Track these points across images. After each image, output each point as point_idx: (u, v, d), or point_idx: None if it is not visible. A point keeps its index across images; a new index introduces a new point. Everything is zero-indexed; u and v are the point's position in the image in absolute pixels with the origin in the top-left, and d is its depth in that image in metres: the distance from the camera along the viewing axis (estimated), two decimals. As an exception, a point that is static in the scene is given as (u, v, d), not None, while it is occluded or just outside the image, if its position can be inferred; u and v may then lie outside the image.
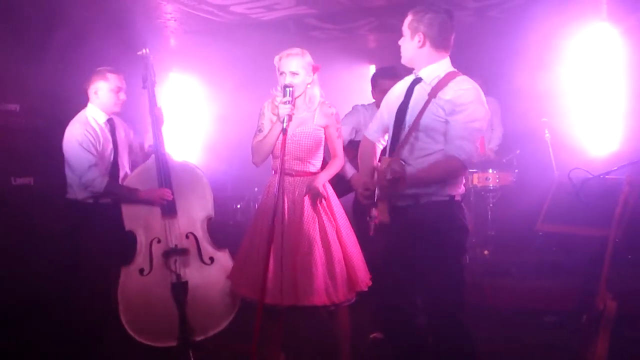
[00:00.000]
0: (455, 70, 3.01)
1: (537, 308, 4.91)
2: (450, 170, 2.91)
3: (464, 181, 3.06)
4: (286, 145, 3.49)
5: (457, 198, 3.01)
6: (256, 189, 6.99)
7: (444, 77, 2.93)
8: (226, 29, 6.19)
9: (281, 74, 3.58)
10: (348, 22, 6.25)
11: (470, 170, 6.01)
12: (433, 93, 2.91)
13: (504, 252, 6.08)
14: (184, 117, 7.37)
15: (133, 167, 4.32)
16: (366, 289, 3.64)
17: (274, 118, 3.57)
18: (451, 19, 2.96)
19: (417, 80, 3.02)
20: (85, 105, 4.23)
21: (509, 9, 6.03)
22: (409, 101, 3.01)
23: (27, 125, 5.00)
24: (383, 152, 3.25)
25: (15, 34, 5.03)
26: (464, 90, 2.88)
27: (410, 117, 2.96)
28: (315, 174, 3.67)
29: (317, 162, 3.70)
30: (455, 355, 2.98)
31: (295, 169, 3.63)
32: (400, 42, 3.04)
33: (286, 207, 3.57)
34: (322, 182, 3.64)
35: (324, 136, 3.68)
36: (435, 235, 2.92)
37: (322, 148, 3.70)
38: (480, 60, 6.52)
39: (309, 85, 3.62)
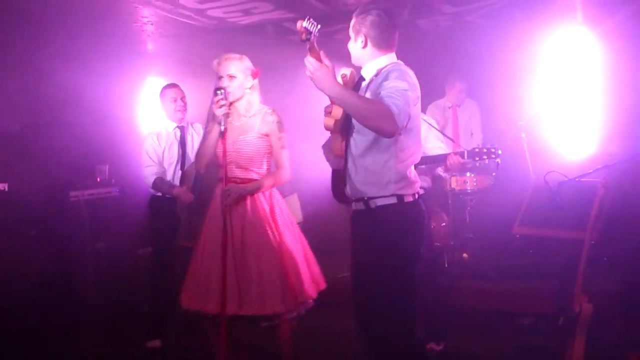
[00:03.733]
0: (399, 62, 3.02)
1: (514, 310, 4.95)
2: (380, 110, 2.70)
3: (416, 180, 2.99)
4: (228, 153, 3.49)
5: (409, 199, 2.95)
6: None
7: (381, 69, 2.97)
8: (203, 33, 6.15)
9: (220, 78, 3.58)
10: (327, 26, 6.23)
11: (449, 174, 6.04)
12: (370, 85, 2.97)
13: (482, 254, 6.11)
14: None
15: None
16: (311, 301, 3.64)
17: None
18: (392, 18, 3.01)
19: (361, 79, 3.09)
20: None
21: (486, 14, 6.06)
22: None
23: (2, 130, 4.93)
24: None
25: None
26: (387, 71, 2.91)
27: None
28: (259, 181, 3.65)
29: (262, 171, 3.67)
30: None
31: (239, 176, 3.61)
32: (348, 45, 3.11)
33: (233, 215, 3.54)
34: (251, 190, 3.59)
35: (267, 144, 3.65)
36: (379, 243, 2.91)
37: (264, 156, 3.67)
38: (458, 65, 6.58)
39: (248, 90, 3.62)
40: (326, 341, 4.75)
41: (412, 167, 3.00)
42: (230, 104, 3.55)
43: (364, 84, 3.05)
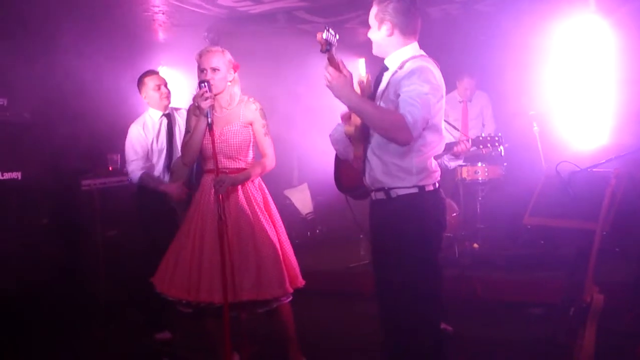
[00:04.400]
0: (423, 53, 3.00)
1: (524, 301, 4.95)
2: (395, 122, 2.75)
3: (436, 169, 2.98)
4: (215, 144, 3.51)
5: (429, 188, 2.95)
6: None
7: (405, 61, 2.93)
8: (214, 22, 6.16)
9: (202, 70, 3.60)
10: (337, 15, 6.23)
11: (460, 164, 6.03)
12: (392, 78, 2.93)
13: (492, 245, 6.11)
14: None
15: None
16: (301, 286, 3.71)
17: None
18: (414, 4, 2.98)
19: (384, 69, 3.04)
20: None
21: (496, 2, 6.03)
22: (376, 91, 3.04)
23: (15, 120, 4.97)
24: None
25: (2, 28, 4.99)
26: (410, 68, 2.87)
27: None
28: (247, 170, 3.68)
29: (248, 159, 3.73)
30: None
31: (227, 166, 3.65)
32: (369, 34, 3.05)
33: (225, 205, 3.55)
34: (243, 179, 3.63)
35: (251, 133, 3.70)
36: (400, 233, 2.91)
37: (250, 145, 3.72)
38: (468, 54, 6.54)
39: (229, 83, 3.66)
40: (340, 331, 4.77)
41: (433, 158, 2.99)
42: (214, 96, 3.58)
43: (387, 74, 3.01)
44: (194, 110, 3.59)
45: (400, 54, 2.98)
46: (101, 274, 5.37)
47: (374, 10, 3.00)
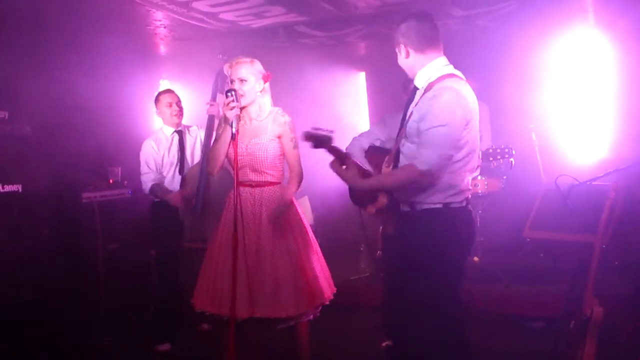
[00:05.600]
0: (451, 71, 2.99)
1: (524, 314, 4.94)
2: (405, 178, 2.86)
3: (466, 186, 2.99)
4: (241, 157, 3.49)
5: (455, 205, 2.95)
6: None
7: (435, 80, 2.93)
8: (216, 36, 6.19)
9: (231, 81, 3.59)
10: (337, 29, 6.26)
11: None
12: (421, 98, 2.93)
13: (492, 258, 6.10)
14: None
15: None
16: (327, 302, 3.66)
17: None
18: (424, 19, 2.99)
19: (415, 89, 3.06)
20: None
21: (496, 17, 6.06)
22: (407, 111, 3.05)
23: (16, 133, 4.99)
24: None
25: (3, 42, 5.03)
26: (432, 95, 2.86)
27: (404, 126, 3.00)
28: (274, 184, 3.65)
29: (276, 173, 3.68)
30: None
31: (253, 180, 3.61)
32: (398, 61, 3.09)
33: (247, 219, 3.53)
34: (288, 204, 3.62)
35: (279, 146, 3.66)
36: (418, 247, 2.92)
37: (278, 158, 3.68)
38: (468, 69, 6.56)
39: (259, 94, 3.62)
40: (339, 344, 4.76)
41: (467, 175, 3.00)
42: (242, 108, 3.55)
43: (418, 93, 3.02)
44: (223, 119, 3.55)
45: (425, 72, 2.99)
46: (101, 286, 5.38)
47: (395, 37, 3.04)
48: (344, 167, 2.93)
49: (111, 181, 5.83)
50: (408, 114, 3.01)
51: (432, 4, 5.44)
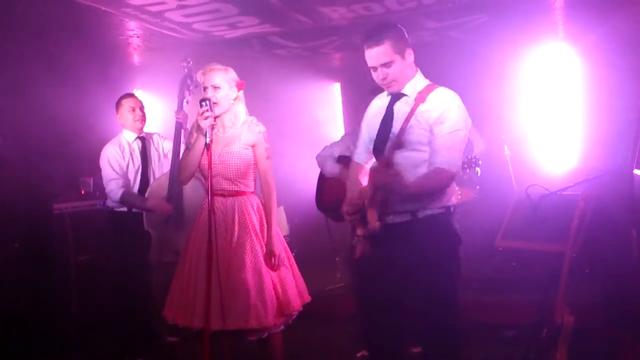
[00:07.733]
0: (430, 82, 3.10)
1: (497, 323, 4.97)
2: (441, 183, 2.95)
3: (457, 191, 3.12)
4: (214, 165, 3.44)
5: (452, 209, 3.07)
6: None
7: (423, 90, 3.01)
8: (189, 46, 6.17)
9: (204, 88, 3.55)
10: (311, 40, 6.30)
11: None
12: (415, 106, 2.97)
13: (465, 267, 6.11)
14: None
15: None
16: (300, 310, 3.64)
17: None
18: None
19: (399, 96, 3.07)
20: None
21: (468, 29, 6.14)
22: (392, 118, 3.05)
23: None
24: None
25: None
26: (446, 100, 2.97)
27: (394, 134, 2.98)
28: (247, 193, 3.63)
29: (249, 182, 3.65)
30: None
31: (226, 189, 3.58)
32: (386, 70, 3.01)
33: (219, 228, 3.48)
34: (275, 226, 3.61)
35: (252, 155, 3.62)
36: (434, 248, 2.95)
37: (251, 167, 3.65)
38: (440, 80, 6.63)
39: (233, 102, 3.59)
40: (314, 354, 4.75)
41: None
42: (216, 116, 3.53)
43: (405, 102, 3.04)
44: (196, 127, 3.49)
45: (415, 81, 3.06)
46: (73, 299, 5.30)
47: (388, 45, 2.97)
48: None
49: (83, 192, 5.75)
50: (398, 124, 2.99)
51: (405, 16, 5.50)
